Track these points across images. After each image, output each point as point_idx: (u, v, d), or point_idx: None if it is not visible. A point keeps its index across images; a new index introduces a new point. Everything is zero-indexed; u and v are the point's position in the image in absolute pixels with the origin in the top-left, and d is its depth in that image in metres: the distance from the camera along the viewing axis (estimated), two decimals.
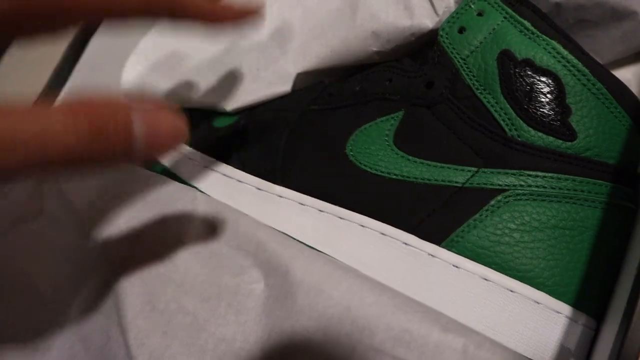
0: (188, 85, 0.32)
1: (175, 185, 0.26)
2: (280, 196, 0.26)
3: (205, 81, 0.32)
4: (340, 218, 0.25)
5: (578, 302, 0.23)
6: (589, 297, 0.24)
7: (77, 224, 0.26)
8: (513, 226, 0.24)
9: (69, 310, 0.25)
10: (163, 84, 0.32)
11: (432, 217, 0.24)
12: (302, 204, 0.26)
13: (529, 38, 0.25)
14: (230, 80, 0.31)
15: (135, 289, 0.24)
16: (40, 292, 0.26)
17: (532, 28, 0.25)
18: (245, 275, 0.24)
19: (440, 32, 0.27)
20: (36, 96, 0.40)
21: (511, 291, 0.23)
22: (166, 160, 0.29)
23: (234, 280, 0.24)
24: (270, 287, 0.23)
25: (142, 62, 0.33)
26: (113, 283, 0.24)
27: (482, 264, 0.24)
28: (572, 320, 0.23)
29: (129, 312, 0.24)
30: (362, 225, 0.25)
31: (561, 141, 0.24)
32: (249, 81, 0.31)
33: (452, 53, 0.26)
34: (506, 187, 0.24)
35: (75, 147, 0.15)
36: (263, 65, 0.31)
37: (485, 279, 0.23)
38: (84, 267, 0.25)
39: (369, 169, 0.26)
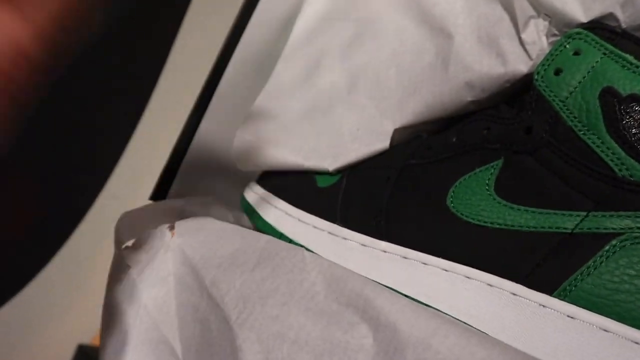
0: (293, 149, 0.34)
1: (284, 246, 0.28)
2: (385, 251, 0.27)
3: (309, 144, 0.33)
4: (445, 270, 0.25)
5: None
6: None
7: (200, 286, 0.28)
8: (632, 272, 0.22)
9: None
10: (272, 150, 0.34)
11: (541, 266, 0.24)
12: (405, 258, 0.26)
13: (633, 72, 0.24)
14: (332, 142, 0.33)
15: (253, 347, 0.26)
16: (173, 350, 0.28)
17: (636, 62, 0.24)
18: (354, 331, 0.25)
19: (536, 76, 0.26)
20: None
21: (636, 343, 0.22)
22: (274, 221, 0.31)
23: (345, 337, 0.25)
24: (379, 343, 0.24)
25: (250, 131, 0.36)
26: (233, 343, 0.26)
27: (601, 314, 0.22)
28: None
29: None
30: (467, 277, 0.25)
31: None
32: (349, 141, 0.32)
33: (549, 96, 0.26)
34: (621, 231, 0.23)
35: None
36: (362, 125, 0.32)
37: (605, 330, 0.22)
38: (208, 327, 0.27)
39: (471, 220, 0.26)
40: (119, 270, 0.32)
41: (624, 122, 0.24)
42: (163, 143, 0.51)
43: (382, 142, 0.31)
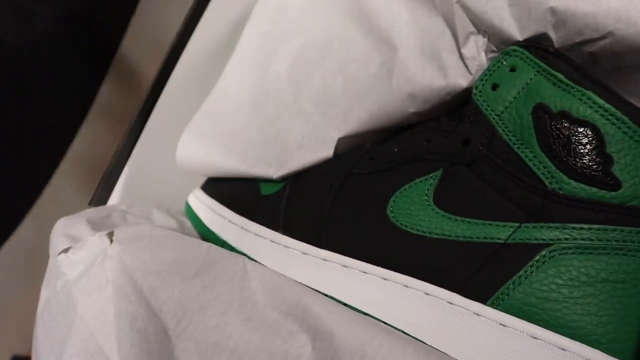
0: (239, 156, 0.34)
1: (226, 254, 0.28)
2: (325, 259, 0.27)
3: (254, 151, 0.33)
4: (384, 279, 0.26)
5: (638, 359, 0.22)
6: None
7: (139, 294, 0.28)
8: (560, 282, 0.23)
9: None
10: (217, 156, 0.34)
11: (476, 275, 0.24)
12: (345, 266, 0.27)
13: (564, 90, 0.25)
14: (278, 149, 0.33)
15: (192, 357, 0.25)
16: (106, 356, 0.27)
17: (566, 80, 0.25)
18: (293, 340, 0.25)
19: (474, 91, 0.27)
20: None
21: (563, 349, 0.22)
22: (217, 229, 0.31)
23: (284, 346, 0.25)
24: (317, 351, 0.24)
25: (196, 135, 0.35)
26: (171, 353, 0.26)
27: (530, 322, 0.23)
28: None
29: None
30: (405, 286, 0.25)
31: (605, 191, 0.24)
32: (295, 149, 0.32)
33: (486, 110, 0.26)
34: (550, 242, 0.24)
35: None
36: (308, 132, 0.32)
37: (534, 337, 0.23)
38: (145, 337, 0.27)
39: (410, 230, 0.26)
40: (54, 278, 0.31)
41: (554, 137, 0.25)
42: (105, 146, 0.50)
43: (327, 150, 0.32)
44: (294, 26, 0.37)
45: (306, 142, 0.32)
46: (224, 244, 0.30)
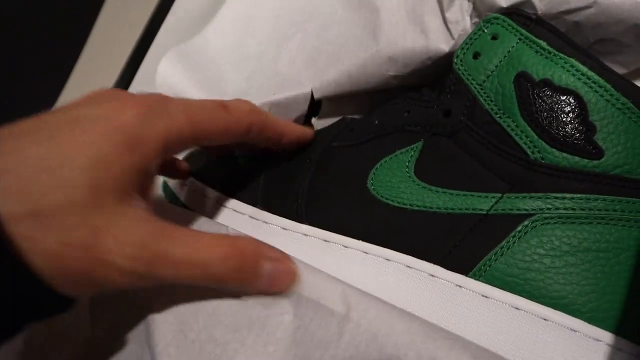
0: (211, 95, 0.33)
1: (208, 222, 0.27)
2: (306, 234, 0.27)
3: (225, 97, 0.33)
4: (365, 253, 0.25)
5: (619, 328, 0.22)
6: (631, 322, 0.22)
7: None
8: (542, 252, 0.23)
9: (103, 338, 0.26)
10: (188, 88, 0.34)
11: (458, 247, 0.24)
12: (326, 241, 0.26)
13: (546, 58, 0.25)
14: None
15: (168, 318, 0.25)
16: (81, 315, 0.27)
17: (548, 47, 0.25)
18: (275, 306, 0.24)
19: (455, 60, 0.27)
20: None
21: (544, 319, 0.22)
22: (196, 205, 0.30)
23: (265, 312, 0.24)
24: (300, 318, 0.24)
25: (177, 61, 0.35)
26: (146, 312, 0.25)
27: (512, 293, 0.23)
28: (615, 347, 0.22)
29: (160, 341, 0.24)
30: (387, 259, 0.25)
31: (587, 160, 0.23)
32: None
33: (468, 79, 0.26)
34: (533, 212, 0.24)
35: (221, 273, 0.22)
36: (280, 90, 0.32)
37: (516, 308, 0.23)
38: (119, 296, 0.26)
39: (390, 202, 0.26)
40: None
41: (537, 106, 0.24)
42: None
43: (299, 110, 0.32)
44: None
45: (277, 99, 0.32)
46: None
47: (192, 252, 0.21)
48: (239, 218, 0.28)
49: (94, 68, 0.52)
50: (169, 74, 0.35)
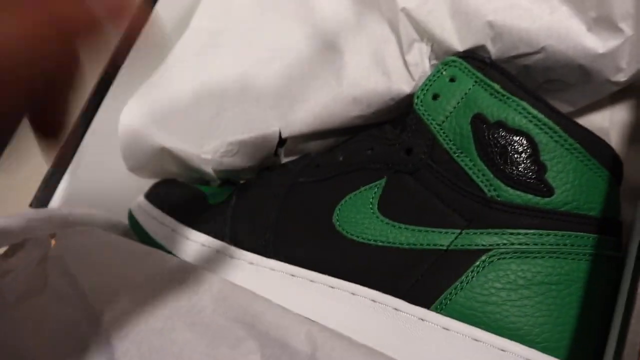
0: (174, 134, 0.34)
1: (172, 260, 0.27)
2: (273, 269, 0.27)
3: (191, 136, 0.34)
4: (331, 287, 0.26)
5: (572, 357, 0.24)
6: (582, 351, 0.24)
7: (80, 298, 0.27)
8: (499, 285, 0.24)
9: None
10: (152, 131, 0.34)
11: (420, 281, 0.25)
12: (293, 276, 0.27)
13: (500, 100, 0.26)
14: (215, 142, 0.33)
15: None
16: None
17: (502, 90, 0.26)
18: (241, 347, 0.25)
19: (415, 100, 0.28)
20: None
21: (502, 350, 0.24)
22: (162, 238, 0.31)
23: (231, 353, 0.25)
24: (266, 358, 0.24)
25: (139, 105, 0.35)
26: (111, 356, 0.25)
27: (472, 325, 0.24)
28: None
29: None
30: (352, 294, 0.26)
31: (539, 197, 0.25)
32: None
33: (427, 119, 0.27)
34: (490, 247, 0.25)
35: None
36: (247, 130, 0.33)
37: (476, 340, 0.24)
38: (85, 341, 0.26)
39: (355, 238, 0.27)
40: None
41: (492, 146, 0.26)
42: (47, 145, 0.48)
43: (268, 150, 0.32)
44: (242, 25, 0.37)
45: (245, 139, 0.33)
46: (170, 255, 0.30)
47: None
48: (207, 253, 0.29)
49: None
50: (131, 121, 0.35)
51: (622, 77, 0.28)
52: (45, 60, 0.17)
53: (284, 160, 0.35)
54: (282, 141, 0.34)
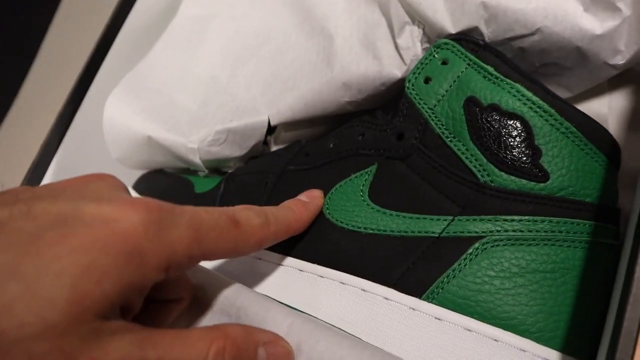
0: (158, 124, 0.33)
1: None
2: (260, 259, 0.27)
3: (176, 124, 0.33)
4: (321, 277, 0.25)
5: (567, 347, 0.23)
6: (578, 340, 0.23)
7: None
8: (492, 273, 0.24)
9: None
10: (142, 119, 0.33)
11: (411, 270, 0.24)
12: (281, 265, 0.26)
13: (494, 83, 0.25)
14: (203, 130, 0.32)
15: None
16: None
17: (495, 73, 0.25)
18: None
19: (407, 84, 0.27)
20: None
21: (495, 340, 0.23)
22: None
23: None
24: None
25: (124, 94, 0.34)
26: None
27: (464, 314, 0.23)
28: None
29: None
30: (342, 283, 0.25)
31: (534, 183, 0.24)
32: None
33: (419, 103, 0.26)
34: (483, 234, 0.24)
35: None
36: (236, 117, 0.32)
37: (468, 330, 0.23)
38: None
39: (345, 226, 0.26)
40: None
41: (485, 130, 0.25)
42: (31, 137, 0.47)
43: (256, 137, 0.31)
44: (229, 11, 0.36)
45: (234, 126, 0.32)
46: None
47: (182, 354, 0.18)
48: None
49: (42, 88, 0.50)
50: (117, 110, 0.34)
51: (620, 60, 0.27)
52: None
53: (274, 148, 0.34)
54: (271, 129, 0.33)
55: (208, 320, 0.25)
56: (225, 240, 0.21)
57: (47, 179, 0.42)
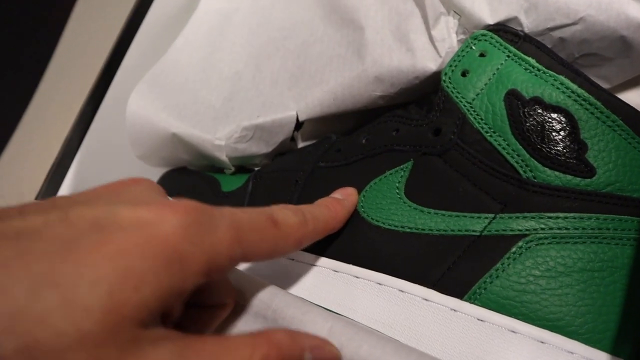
0: (184, 119, 0.32)
1: None
2: (292, 259, 0.26)
3: (200, 121, 0.32)
4: (357, 277, 0.25)
5: (616, 348, 0.22)
6: (628, 342, 0.22)
7: None
8: (538, 273, 0.23)
9: None
10: (161, 118, 0.33)
11: (451, 269, 0.24)
12: (316, 266, 0.25)
13: (535, 75, 0.24)
14: (228, 126, 0.31)
15: None
16: None
17: (537, 65, 0.24)
18: None
19: (443, 77, 0.26)
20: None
21: (542, 342, 0.22)
22: None
23: None
24: None
25: (147, 91, 0.34)
26: None
27: (509, 316, 0.22)
28: None
29: None
30: (379, 284, 0.24)
31: (580, 179, 0.23)
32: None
33: (457, 97, 0.25)
34: (527, 232, 0.23)
35: None
36: (263, 113, 0.31)
37: (513, 332, 0.22)
38: None
39: (381, 224, 0.25)
40: None
41: (527, 124, 0.24)
42: (53, 135, 0.47)
43: (284, 134, 0.31)
44: (251, 3, 0.35)
45: (261, 123, 0.31)
46: None
47: None
48: None
49: (62, 85, 0.50)
50: (140, 107, 0.33)
51: None
52: None
53: (300, 144, 0.33)
54: (299, 124, 0.32)
55: (243, 323, 0.24)
56: (265, 240, 0.21)
57: (68, 179, 0.41)
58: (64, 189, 0.41)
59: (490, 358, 0.22)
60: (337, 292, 0.25)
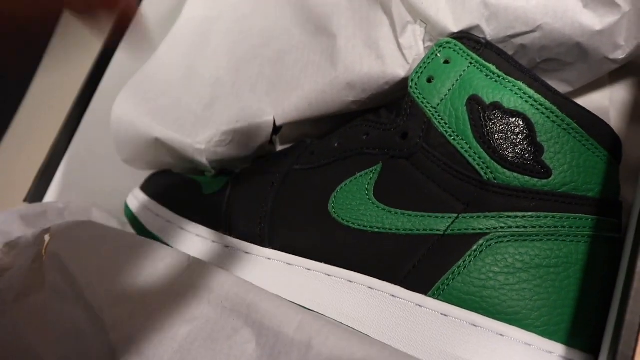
0: (171, 125, 0.33)
1: (168, 252, 0.27)
2: (268, 258, 0.27)
3: (181, 125, 0.33)
4: (328, 275, 0.26)
5: (571, 340, 0.23)
6: (581, 333, 0.24)
7: (78, 294, 0.27)
8: (497, 269, 0.24)
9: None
10: (150, 120, 0.34)
11: (417, 267, 0.25)
12: (289, 264, 0.27)
13: (495, 81, 0.26)
14: (208, 130, 0.32)
15: (132, 358, 0.25)
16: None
17: (497, 71, 0.26)
18: (237, 336, 0.25)
19: (410, 83, 0.27)
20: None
21: (501, 335, 0.23)
22: (158, 230, 0.30)
23: (227, 342, 0.25)
24: (262, 347, 0.24)
25: (131, 96, 0.35)
26: (112, 352, 0.25)
27: (470, 310, 0.24)
28: (566, 358, 0.23)
29: None
30: (349, 281, 0.25)
31: (537, 179, 0.24)
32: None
33: (422, 103, 0.27)
34: (487, 231, 0.25)
35: None
36: (242, 118, 0.32)
37: (474, 325, 0.24)
38: (85, 337, 0.26)
39: (351, 225, 0.26)
40: None
41: (488, 128, 0.25)
42: (40, 138, 0.48)
43: (262, 138, 0.32)
44: (233, 12, 0.36)
45: (240, 127, 0.32)
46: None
47: None
48: (203, 243, 0.29)
49: (50, 90, 0.51)
50: (124, 112, 0.34)
51: (620, 55, 0.27)
52: None
53: (279, 148, 0.35)
54: (276, 129, 0.33)
55: (219, 318, 0.25)
56: None
57: (56, 182, 0.42)
58: (52, 192, 0.42)
59: (452, 351, 0.24)
60: (309, 290, 0.26)
